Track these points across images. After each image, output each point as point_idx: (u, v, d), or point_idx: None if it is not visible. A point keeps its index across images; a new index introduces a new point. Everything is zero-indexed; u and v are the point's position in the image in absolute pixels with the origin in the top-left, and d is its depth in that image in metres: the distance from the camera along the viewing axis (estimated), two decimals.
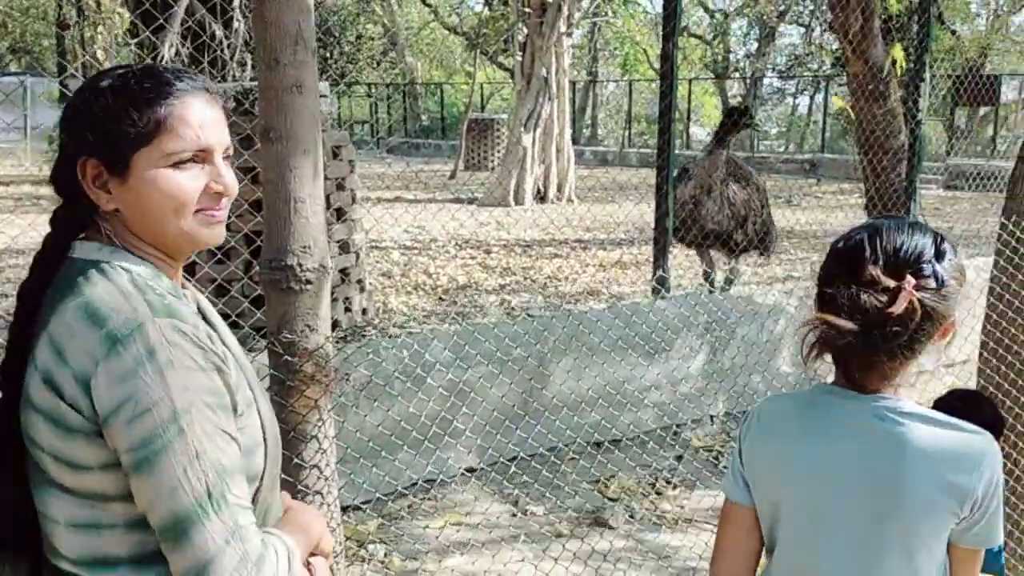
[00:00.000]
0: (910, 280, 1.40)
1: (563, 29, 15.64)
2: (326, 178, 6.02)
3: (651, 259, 9.63)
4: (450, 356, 4.29)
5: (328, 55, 28.32)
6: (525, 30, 15.58)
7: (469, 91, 20.50)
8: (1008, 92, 22.24)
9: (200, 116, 1.30)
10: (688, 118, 25.51)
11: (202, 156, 1.30)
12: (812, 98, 27.74)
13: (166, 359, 1.19)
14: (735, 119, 6.65)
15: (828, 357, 1.48)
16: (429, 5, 28.29)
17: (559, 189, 16.23)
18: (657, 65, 29.75)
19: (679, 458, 4.66)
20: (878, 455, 1.45)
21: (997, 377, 3.40)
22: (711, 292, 6.06)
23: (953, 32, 23.89)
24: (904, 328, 1.40)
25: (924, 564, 1.47)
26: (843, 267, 1.45)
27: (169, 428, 1.19)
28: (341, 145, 6.14)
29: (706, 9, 29.01)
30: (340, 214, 6.13)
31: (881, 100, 10.38)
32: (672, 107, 4.99)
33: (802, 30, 28.53)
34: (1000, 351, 3.37)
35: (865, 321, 1.39)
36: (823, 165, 20.88)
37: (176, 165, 1.28)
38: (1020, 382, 3.36)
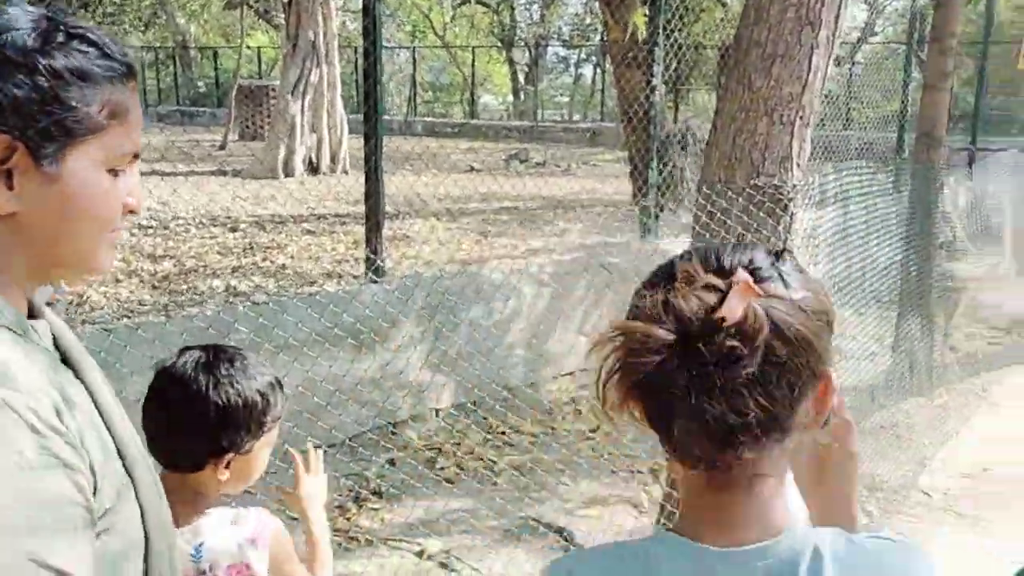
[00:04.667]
0: (742, 273, 0.91)
1: None
2: None
3: (414, 234, 9.20)
4: (104, 360, 3.60)
5: (90, 15, 25.90)
6: None
7: (238, 55, 19.22)
8: None
9: (140, 112, 1.04)
10: (473, 85, 25.24)
11: (132, 162, 1.03)
12: (596, 68, 28.17)
13: None
14: None
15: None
16: None
17: (332, 160, 15.46)
18: (442, 32, 29.38)
19: (392, 462, 4.20)
20: None
21: None
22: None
23: (723, 4, 24.82)
24: (748, 349, 0.87)
25: None
26: (650, 284, 0.96)
27: None
28: None
29: None
30: None
31: (643, 67, 10.35)
32: (378, 66, 4.47)
33: None
34: None
35: (684, 329, 0.88)
36: (603, 133, 21.18)
37: (114, 170, 0.99)
38: None
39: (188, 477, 1.56)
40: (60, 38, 0.94)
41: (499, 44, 29.02)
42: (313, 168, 15.12)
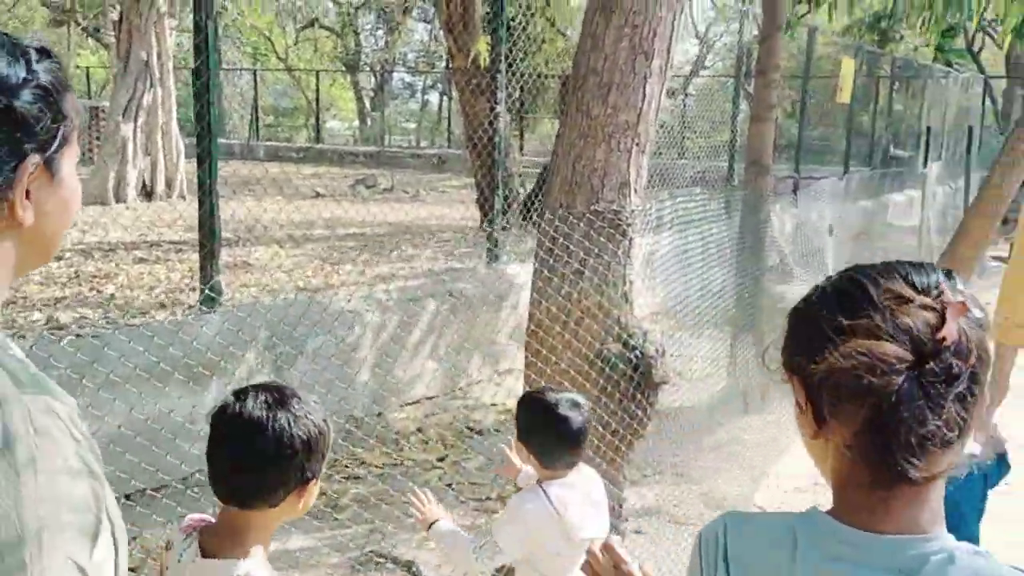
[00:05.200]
0: (949, 294, 0.98)
1: (163, 8, 14.26)
2: None
3: (255, 261, 8.88)
4: None
5: None
6: (119, 7, 13.98)
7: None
8: None
9: None
10: (318, 109, 24.87)
11: None
12: (442, 95, 28.31)
13: (27, 455, 0.85)
14: None
15: None
16: None
17: (168, 185, 14.80)
18: (285, 55, 28.82)
19: None
20: None
21: (542, 383, 3.11)
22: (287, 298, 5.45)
23: (564, 35, 25.51)
24: (963, 367, 0.96)
25: None
26: (843, 300, 1.03)
27: (5, 557, 0.81)
28: None
29: (334, 0, 28.40)
30: None
31: (488, 95, 10.46)
32: (211, 87, 4.28)
33: (428, 26, 28.98)
34: (540, 361, 3.09)
35: (919, 348, 0.95)
36: (451, 160, 21.28)
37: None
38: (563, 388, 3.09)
39: (255, 514, 1.63)
40: (36, 56, 1.00)
41: (343, 69, 28.73)
42: (147, 193, 14.44)
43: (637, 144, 3.00)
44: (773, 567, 1.06)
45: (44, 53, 1.01)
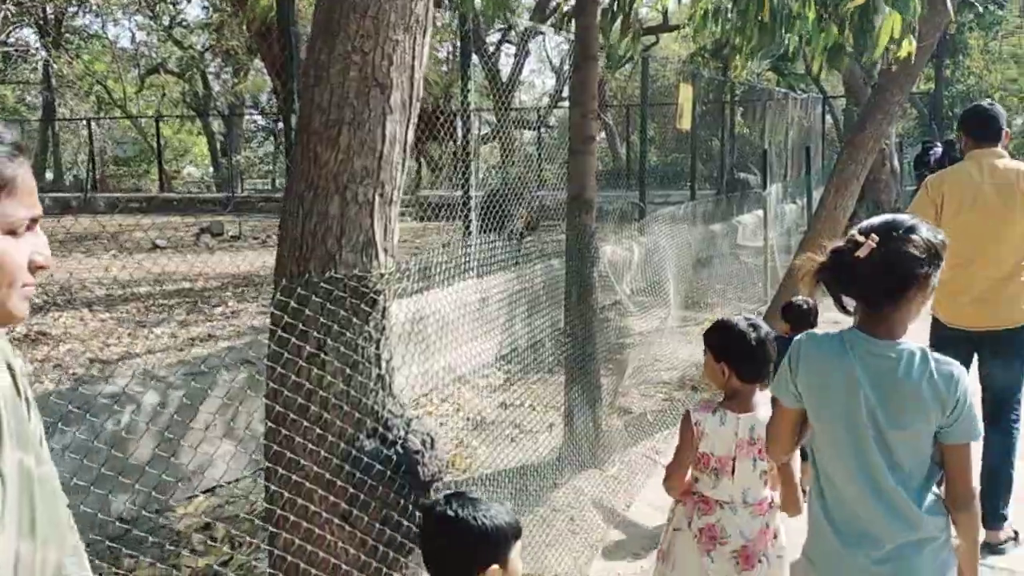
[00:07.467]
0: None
1: None
2: None
3: (59, 330, 7.94)
4: None
5: None
6: None
7: None
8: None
9: (33, 182, 1.27)
10: (159, 156, 23.63)
11: (32, 225, 1.27)
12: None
13: None
14: None
15: None
16: None
17: None
18: (128, 102, 27.39)
19: None
20: (900, 374, 2.07)
21: (285, 495, 2.52)
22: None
23: None
24: None
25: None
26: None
27: None
28: None
29: (177, 44, 27.20)
30: None
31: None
32: None
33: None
34: (283, 467, 2.50)
35: None
36: None
37: (12, 232, 1.22)
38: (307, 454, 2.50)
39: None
40: None
41: (188, 113, 27.50)
42: None
43: (380, 194, 2.46)
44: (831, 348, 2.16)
45: None
